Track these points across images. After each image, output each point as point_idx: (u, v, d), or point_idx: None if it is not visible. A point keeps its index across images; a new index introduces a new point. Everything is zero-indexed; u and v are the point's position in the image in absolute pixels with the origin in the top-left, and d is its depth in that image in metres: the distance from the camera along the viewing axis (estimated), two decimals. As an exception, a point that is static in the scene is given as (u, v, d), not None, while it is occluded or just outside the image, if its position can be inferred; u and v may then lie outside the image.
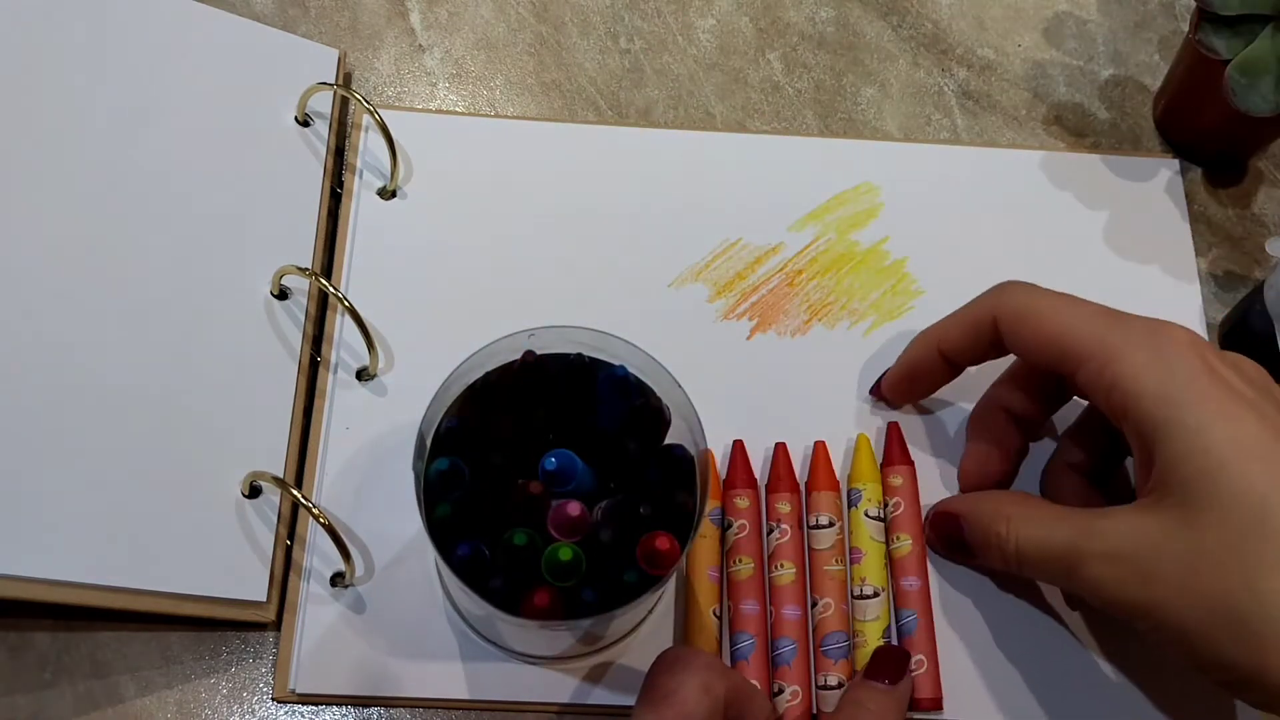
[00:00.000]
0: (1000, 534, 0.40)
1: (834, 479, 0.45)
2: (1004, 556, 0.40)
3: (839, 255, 0.51)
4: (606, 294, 0.50)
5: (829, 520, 0.44)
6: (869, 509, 0.45)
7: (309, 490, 0.45)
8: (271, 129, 0.50)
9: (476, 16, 0.57)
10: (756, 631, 0.42)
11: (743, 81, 0.56)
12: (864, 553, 0.44)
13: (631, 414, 0.39)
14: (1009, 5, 0.59)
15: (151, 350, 0.44)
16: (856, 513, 0.45)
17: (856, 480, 0.45)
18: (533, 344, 0.39)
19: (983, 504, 0.42)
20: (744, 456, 0.46)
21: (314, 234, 0.49)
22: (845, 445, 0.47)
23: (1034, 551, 0.39)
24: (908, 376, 0.46)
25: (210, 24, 0.51)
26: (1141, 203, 0.53)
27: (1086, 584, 0.37)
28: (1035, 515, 0.40)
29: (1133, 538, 0.36)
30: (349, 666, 0.42)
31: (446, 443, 0.38)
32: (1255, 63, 0.48)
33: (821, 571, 0.43)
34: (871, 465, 0.46)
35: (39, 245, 0.43)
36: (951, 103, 0.56)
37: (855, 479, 0.45)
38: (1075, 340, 0.39)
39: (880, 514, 0.45)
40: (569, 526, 0.36)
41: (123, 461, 0.42)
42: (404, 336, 0.48)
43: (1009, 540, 0.40)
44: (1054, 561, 0.38)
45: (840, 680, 0.42)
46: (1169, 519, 0.35)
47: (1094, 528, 0.37)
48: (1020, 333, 0.41)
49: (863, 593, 0.43)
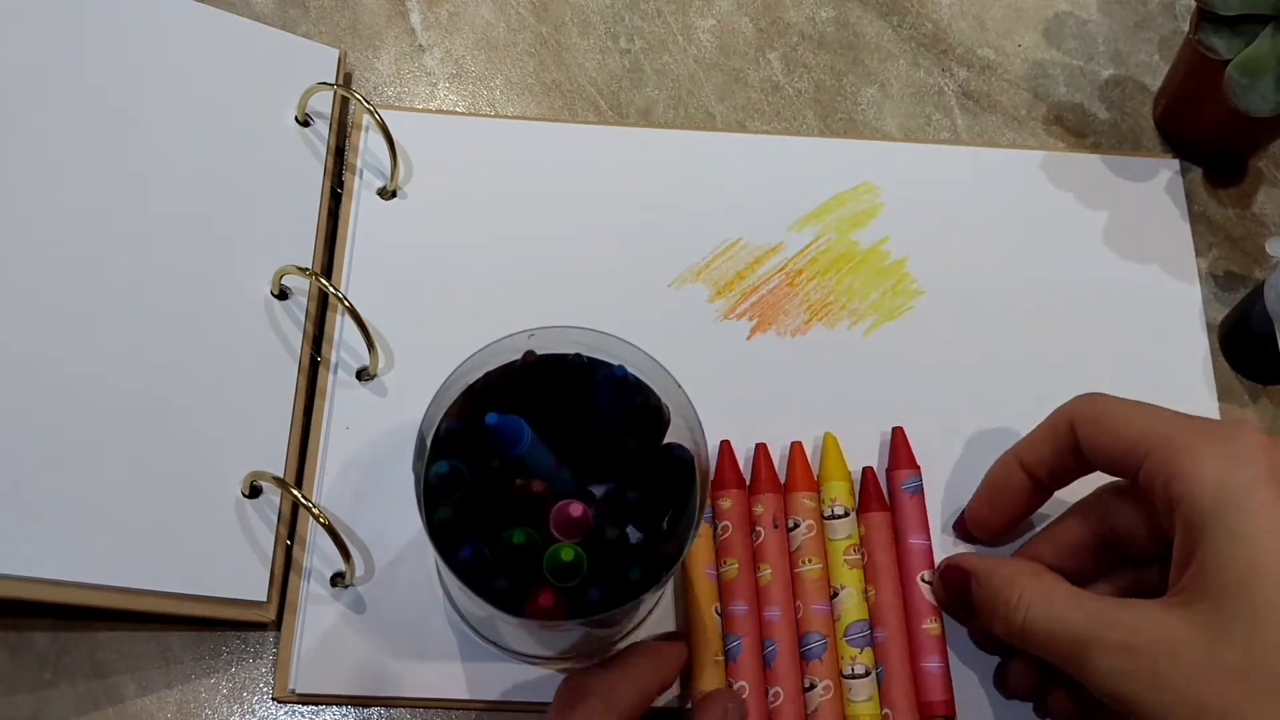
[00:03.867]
0: (1010, 603, 0.39)
1: (811, 480, 0.45)
2: (1008, 627, 0.39)
3: (839, 255, 0.51)
4: (606, 294, 0.50)
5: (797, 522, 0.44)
6: (827, 509, 0.44)
7: (309, 490, 0.45)
8: (271, 129, 0.50)
9: (476, 16, 0.57)
10: (745, 632, 0.42)
11: (743, 81, 0.56)
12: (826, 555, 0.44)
13: (631, 414, 0.39)
14: (1009, 5, 0.59)
15: (152, 350, 0.44)
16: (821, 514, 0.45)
17: (823, 480, 0.45)
18: (533, 344, 0.39)
19: (998, 567, 0.41)
20: (731, 457, 0.45)
21: (314, 234, 0.49)
22: (845, 445, 0.47)
23: (1043, 629, 0.38)
24: (990, 500, 0.44)
25: (210, 24, 0.51)
26: (1141, 203, 0.53)
27: (1095, 674, 0.36)
28: (1051, 592, 0.38)
29: (1153, 634, 0.35)
30: (349, 666, 0.42)
31: (446, 444, 0.38)
32: (1255, 63, 0.48)
33: (795, 574, 0.44)
34: (839, 465, 0.45)
35: (39, 245, 0.43)
36: (952, 103, 0.56)
37: (822, 480, 0.45)
38: (1148, 433, 0.38)
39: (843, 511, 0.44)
40: (570, 526, 0.36)
41: (123, 461, 0.42)
42: (404, 336, 0.48)
43: (1018, 611, 0.38)
44: (1063, 644, 0.37)
45: (812, 682, 0.42)
46: (1196, 623, 0.34)
47: (1113, 617, 0.36)
48: (1097, 434, 0.40)
49: (834, 593, 0.43)
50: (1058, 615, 0.37)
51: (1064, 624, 0.37)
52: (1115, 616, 0.36)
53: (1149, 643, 0.35)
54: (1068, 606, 0.38)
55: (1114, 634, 0.35)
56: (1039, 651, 0.39)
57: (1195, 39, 0.49)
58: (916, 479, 0.45)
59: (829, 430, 0.47)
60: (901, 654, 0.43)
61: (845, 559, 0.44)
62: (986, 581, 0.40)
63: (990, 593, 0.40)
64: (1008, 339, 0.50)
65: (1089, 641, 0.36)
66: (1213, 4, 0.48)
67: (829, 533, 0.44)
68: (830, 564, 0.44)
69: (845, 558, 0.44)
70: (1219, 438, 0.36)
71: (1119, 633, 0.35)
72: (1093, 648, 0.36)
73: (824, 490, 0.45)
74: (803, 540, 0.44)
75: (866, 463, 0.46)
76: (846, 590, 0.43)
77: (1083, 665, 0.36)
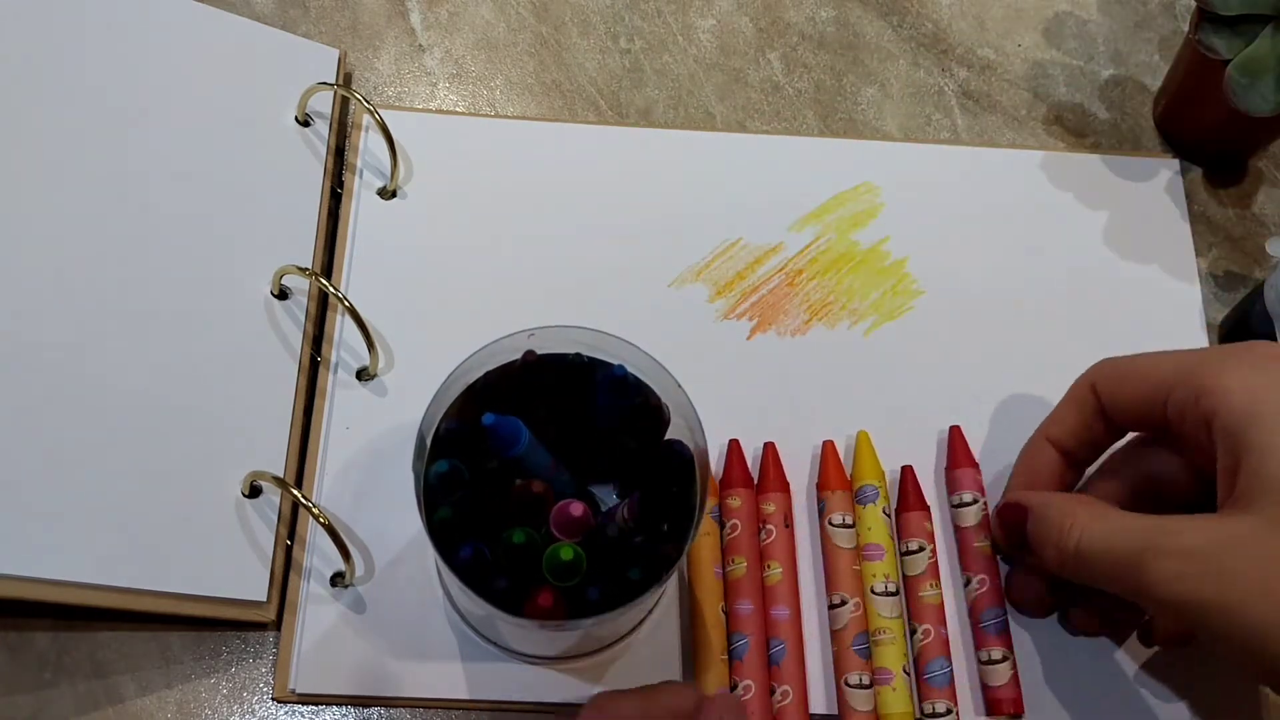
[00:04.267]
0: (1064, 529, 0.39)
1: (844, 478, 0.45)
2: (1062, 552, 0.39)
3: (839, 255, 0.51)
4: (606, 294, 0.50)
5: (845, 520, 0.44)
6: (884, 506, 0.45)
7: (309, 490, 0.45)
8: (272, 129, 0.50)
9: (476, 16, 0.57)
10: (751, 631, 0.42)
11: (743, 81, 0.56)
12: (884, 549, 0.44)
13: (631, 414, 0.39)
14: (1009, 5, 0.59)
15: (152, 350, 0.44)
16: (874, 510, 0.44)
17: (860, 479, 0.45)
18: (533, 344, 0.39)
19: (1053, 499, 0.41)
20: (740, 456, 0.46)
21: (314, 234, 0.49)
22: (846, 445, 0.47)
23: (1100, 547, 0.38)
24: (1024, 483, 0.44)
25: (210, 24, 0.51)
26: (1141, 203, 0.53)
27: (1154, 580, 0.35)
28: (1105, 514, 0.39)
29: (1213, 537, 0.35)
30: (349, 666, 0.42)
31: (446, 444, 0.38)
32: (1255, 63, 0.48)
33: (844, 570, 0.44)
34: (874, 462, 0.46)
35: (39, 246, 0.43)
36: (951, 103, 0.56)
37: (859, 477, 0.45)
38: (1169, 369, 0.39)
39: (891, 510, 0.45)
40: (571, 526, 0.36)
41: (123, 461, 0.42)
42: (404, 336, 0.48)
43: (1071, 535, 0.39)
44: (1119, 557, 0.37)
45: (860, 678, 0.42)
46: (1257, 521, 0.34)
47: (1168, 526, 0.36)
48: (1120, 389, 0.40)
49: (886, 589, 0.43)
50: (1113, 530, 0.38)
51: (1120, 538, 0.37)
52: (1171, 526, 0.36)
53: (1212, 543, 0.35)
54: (1122, 522, 0.38)
55: (1172, 540, 0.35)
56: (1092, 573, 0.39)
57: (1195, 39, 0.49)
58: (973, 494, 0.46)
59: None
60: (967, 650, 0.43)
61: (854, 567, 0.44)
62: (1043, 513, 0.41)
63: (1045, 523, 0.40)
64: (1008, 339, 0.50)
65: (1146, 550, 0.36)
66: (1213, 4, 0.48)
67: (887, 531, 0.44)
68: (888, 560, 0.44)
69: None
70: (1237, 352, 0.37)
71: (1178, 539, 0.35)
72: (1150, 556, 0.35)
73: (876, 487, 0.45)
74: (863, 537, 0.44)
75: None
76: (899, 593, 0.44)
77: (1140, 577, 0.36)
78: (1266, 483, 0.34)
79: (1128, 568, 0.37)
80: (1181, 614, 0.36)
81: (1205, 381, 0.37)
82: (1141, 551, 0.36)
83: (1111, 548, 0.37)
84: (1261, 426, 0.35)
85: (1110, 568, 0.38)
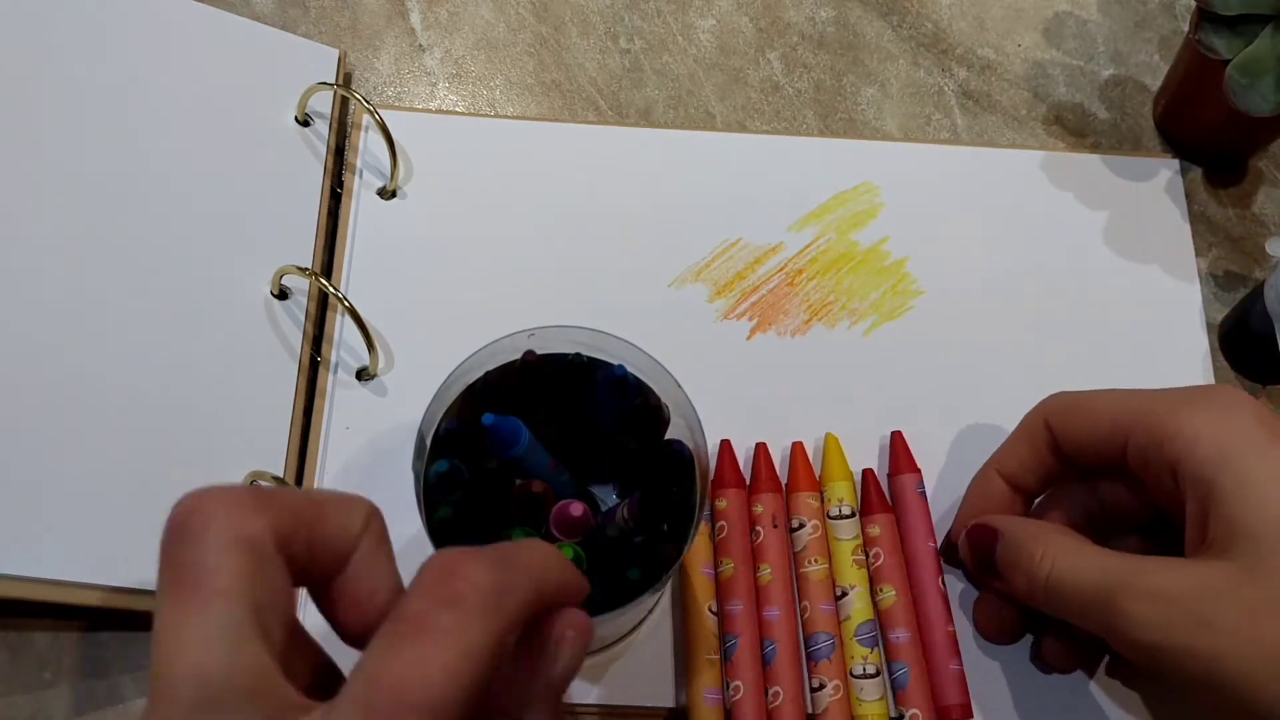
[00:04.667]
0: (1035, 558, 0.38)
1: (813, 480, 0.45)
2: (1032, 582, 0.38)
3: (839, 255, 0.51)
4: (606, 294, 0.50)
5: (801, 522, 0.44)
6: (833, 509, 0.44)
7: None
8: (271, 129, 0.50)
9: (476, 16, 0.57)
10: (741, 631, 0.42)
11: (743, 81, 0.56)
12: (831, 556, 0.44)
13: (631, 413, 0.39)
14: (1009, 5, 0.59)
15: (151, 350, 0.44)
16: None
17: (825, 481, 0.45)
18: (532, 344, 0.39)
19: (1027, 526, 0.40)
20: (731, 456, 0.45)
21: (314, 234, 0.49)
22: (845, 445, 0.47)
23: (1070, 581, 0.37)
24: (973, 516, 0.43)
25: (210, 24, 0.51)
26: (1141, 203, 0.53)
27: (1126, 622, 0.35)
28: (1079, 546, 0.38)
29: (1189, 583, 0.34)
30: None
31: (446, 443, 0.38)
32: (1255, 63, 0.48)
33: (800, 573, 0.43)
34: (841, 465, 0.45)
35: (39, 245, 0.43)
36: (951, 103, 0.56)
37: (824, 480, 0.45)
38: (1126, 410, 0.38)
39: (849, 511, 0.44)
40: (570, 526, 0.36)
41: (123, 461, 0.42)
42: (404, 336, 0.48)
43: (1043, 564, 0.38)
44: (1091, 594, 0.36)
45: (822, 682, 0.42)
46: (1233, 569, 0.34)
47: (1141, 565, 0.35)
48: (1072, 425, 0.40)
49: (842, 593, 0.43)
50: (1086, 566, 0.37)
51: (1092, 575, 0.36)
52: (1144, 566, 0.35)
53: (1189, 589, 0.34)
54: (1094, 557, 0.37)
55: (1146, 581, 0.35)
56: (1062, 607, 0.38)
57: (1195, 39, 0.49)
58: (922, 484, 0.45)
59: (829, 430, 0.47)
60: (927, 655, 0.43)
61: (853, 559, 0.44)
62: (1013, 538, 0.40)
63: (1016, 549, 0.39)
64: (1008, 339, 0.50)
65: (1117, 589, 0.35)
66: (1213, 4, 0.48)
67: (834, 532, 0.44)
68: (836, 564, 0.44)
69: (853, 558, 0.44)
70: (1200, 396, 0.37)
71: (1150, 579, 0.35)
72: (1123, 596, 0.35)
73: (827, 491, 0.45)
74: (808, 540, 0.44)
75: (866, 463, 0.46)
76: (855, 590, 0.43)
77: (1112, 616, 0.35)
78: (1239, 530, 0.34)
79: (1099, 605, 0.36)
80: (1153, 658, 0.35)
81: (1168, 428, 0.36)
82: (1115, 590, 0.35)
83: (1083, 583, 0.37)
84: (1231, 474, 0.34)
85: (1082, 603, 0.37)
